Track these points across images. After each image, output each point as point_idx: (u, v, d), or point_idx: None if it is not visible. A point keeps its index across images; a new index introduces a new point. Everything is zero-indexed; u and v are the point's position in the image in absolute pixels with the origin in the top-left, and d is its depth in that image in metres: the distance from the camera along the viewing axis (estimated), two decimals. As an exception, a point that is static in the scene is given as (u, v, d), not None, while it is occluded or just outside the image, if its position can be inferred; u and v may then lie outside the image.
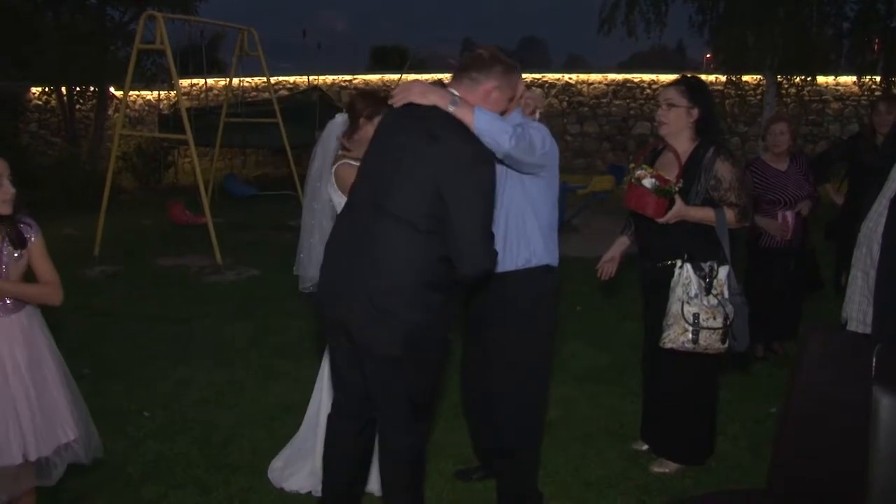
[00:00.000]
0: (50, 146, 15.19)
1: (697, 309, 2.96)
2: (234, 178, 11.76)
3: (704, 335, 2.96)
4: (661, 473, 3.28)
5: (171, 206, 8.77)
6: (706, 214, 3.03)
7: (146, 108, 16.21)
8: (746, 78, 13.80)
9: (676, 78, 3.21)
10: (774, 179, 4.42)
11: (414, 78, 15.52)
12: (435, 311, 2.35)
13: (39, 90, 15.31)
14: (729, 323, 2.99)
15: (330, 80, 16.28)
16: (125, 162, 12.98)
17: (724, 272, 3.02)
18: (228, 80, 10.42)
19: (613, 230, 3.62)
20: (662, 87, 3.27)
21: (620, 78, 16.10)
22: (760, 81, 13.85)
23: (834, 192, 5.17)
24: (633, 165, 3.08)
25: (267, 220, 9.51)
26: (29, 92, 15.65)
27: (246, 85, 14.86)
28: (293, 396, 3.96)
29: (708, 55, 16.59)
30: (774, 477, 2.02)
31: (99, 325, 5.37)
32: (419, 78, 15.80)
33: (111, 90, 14.57)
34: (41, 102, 15.59)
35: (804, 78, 12.96)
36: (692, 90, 3.11)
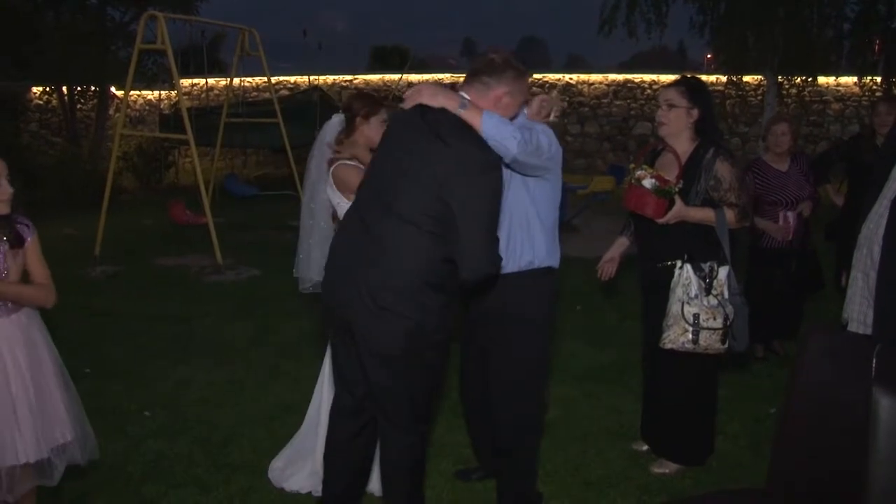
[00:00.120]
0: (51, 146, 15.19)
1: (697, 309, 2.96)
2: (234, 178, 11.76)
3: (704, 335, 2.96)
4: (661, 474, 3.28)
5: (171, 206, 8.78)
6: (706, 215, 3.03)
7: (147, 107, 16.22)
8: (747, 78, 13.81)
9: (676, 78, 3.21)
10: (775, 180, 4.42)
11: (414, 78, 15.56)
12: (436, 311, 2.35)
13: (40, 90, 15.32)
14: (729, 323, 2.99)
15: (330, 80, 16.27)
16: (126, 162, 12.98)
17: (724, 272, 3.02)
18: (229, 80, 10.42)
19: (614, 230, 3.62)
20: (663, 87, 3.27)
21: (621, 78, 16.09)
22: (761, 82, 13.84)
23: (834, 192, 5.18)
24: (632, 166, 3.08)
25: (267, 220, 9.51)
26: (30, 92, 15.65)
27: (247, 85, 14.86)
28: (293, 396, 3.96)
29: (709, 56, 16.59)
30: (774, 477, 2.02)
31: (99, 325, 5.37)
32: (420, 79, 15.86)
33: (112, 90, 14.58)
34: (42, 102, 15.60)
35: (805, 78, 12.96)
36: (692, 91, 3.11)
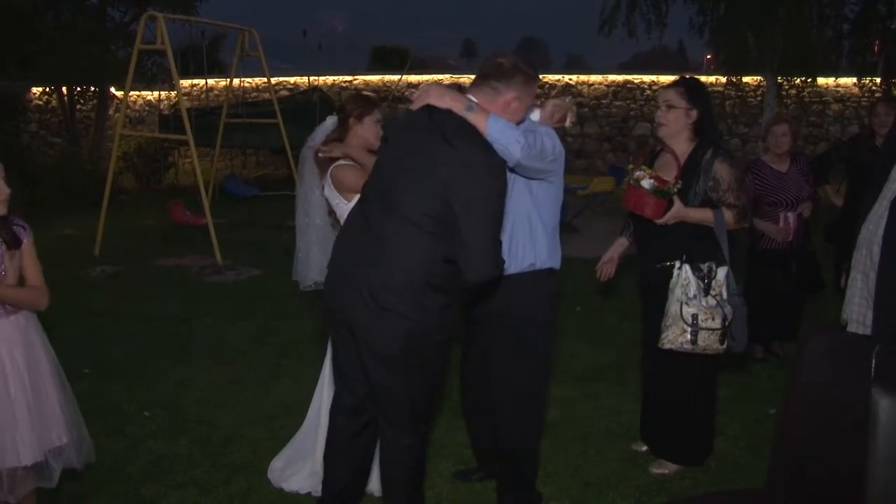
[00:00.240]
0: (50, 146, 15.18)
1: (696, 310, 2.96)
2: (234, 178, 11.74)
3: (703, 336, 2.96)
4: (660, 474, 3.28)
5: (171, 206, 8.77)
6: (705, 215, 3.03)
7: (147, 108, 16.21)
8: (747, 79, 13.81)
9: (675, 79, 3.21)
10: (775, 181, 4.42)
11: (413, 79, 15.57)
12: (436, 312, 2.35)
13: (40, 90, 15.31)
14: (728, 324, 2.99)
15: (330, 80, 16.26)
16: (126, 162, 12.98)
17: (722, 273, 3.02)
18: (229, 80, 10.43)
19: (613, 231, 3.62)
20: (662, 88, 3.27)
21: (621, 79, 16.09)
22: (761, 82, 13.85)
23: (833, 193, 5.18)
24: (631, 166, 3.09)
25: (267, 220, 9.50)
26: (29, 92, 15.64)
27: (246, 85, 14.85)
28: (293, 396, 3.97)
29: (708, 56, 16.60)
30: (774, 477, 2.02)
31: (99, 325, 5.35)
32: (419, 79, 15.86)
33: (112, 90, 14.57)
34: (42, 103, 15.58)
35: (804, 79, 12.97)
36: (691, 91, 3.11)
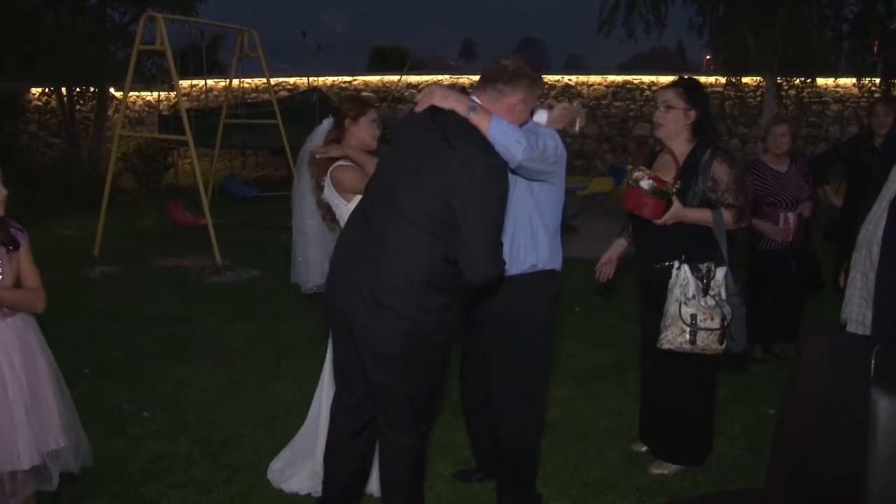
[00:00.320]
0: (50, 147, 15.17)
1: (695, 310, 2.97)
2: (233, 179, 11.74)
3: (702, 336, 2.97)
4: (659, 475, 3.28)
5: (170, 206, 8.77)
6: (703, 216, 3.03)
7: (146, 108, 16.19)
8: (746, 79, 13.80)
9: (673, 80, 3.21)
10: (774, 181, 4.42)
11: (413, 80, 15.56)
12: (435, 312, 2.35)
13: (39, 91, 15.30)
14: (726, 324, 3.00)
15: (330, 80, 16.24)
16: (125, 163, 12.96)
17: (721, 273, 3.02)
18: (228, 80, 10.43)
19: (613, 231, 3.62)
20: (660, 88, 3.27)
21: (620, 79, 16.08)
22: (760, 83, 13.85)
23: (833, 194, 5.19)
24: (630, 167, 3.09)
25: (267, 221, 9.50)
26: (29, 93, 15.63)
27: (246, 86, 14.85)
28: (293, 396, 3.97)
29: (708, 56, 16.60)
30: (774, 477, 2.02)
31: (99, 325, 5.35)
32: (419, 80, 15.86)
33: (111, 91, 14.56)
34: (41, 103, 15.57)
35: (804, 79, 12.97)
36: (689, 92, 3.11)
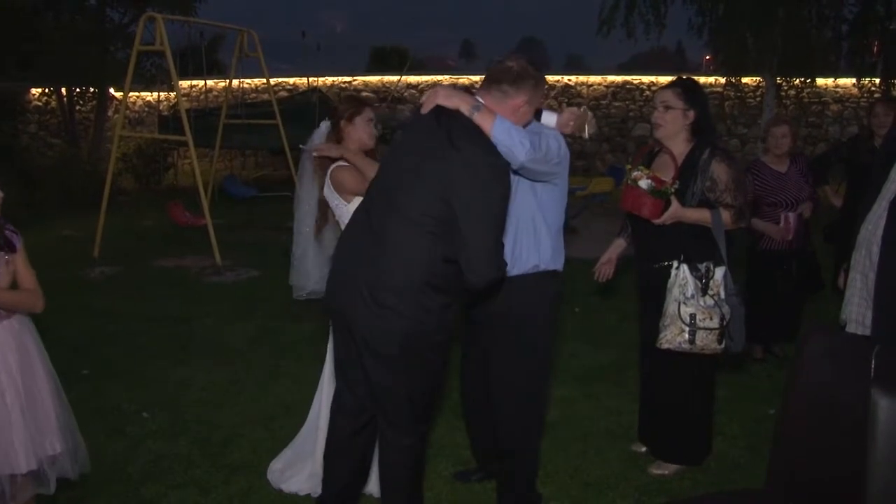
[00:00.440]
0: (50, 147, 15.17)
1: (694, 309, 2.97)
2: (233, 179, 11.74)
3: (701, 335, 2.97)
4: (659, 475, 3.28)
5: (170, 207, 8.77)
6: (702, 215, 3.03)
7: (146, 109, 16.18)
8: (746, 80, 13.80)
9: (672, 80, 3.21)
10: (774, 181, 4.42)
11: (413, 80, 15.56)
12: (435, 312, 2.35)
13: (39, 91, 15.29)
14: (725, 323, 3.00)
15: (329, 81, 16.25)
16: (125, 163, 12.96)
17: (720, 273, 3.02)
18: (228, 81, 10.43)
19: (612, 232, 3.62)
20: (659, 89, 3.27)
21: (620, 80, 16.08)
22: (760, 83, 13.85)
23: (832, 194, 5.19)
24: (629, 167, 3.10)
25: (266, 221, 9.50)
26: (28, 93, 15.62)
27: (245, 86, 14.85)
28: (293, 396, 3.97)
29: (707, 57, 16.60)
30: (773, 478, 2.02)
31: (99, 325, 5.36)
32: (419, 80, 15.86)
33: (111, 91, 14.56)
34: (41, 104, 15.56)
35: (803, 80, 12.97)
36: (688, 92, 3.11)
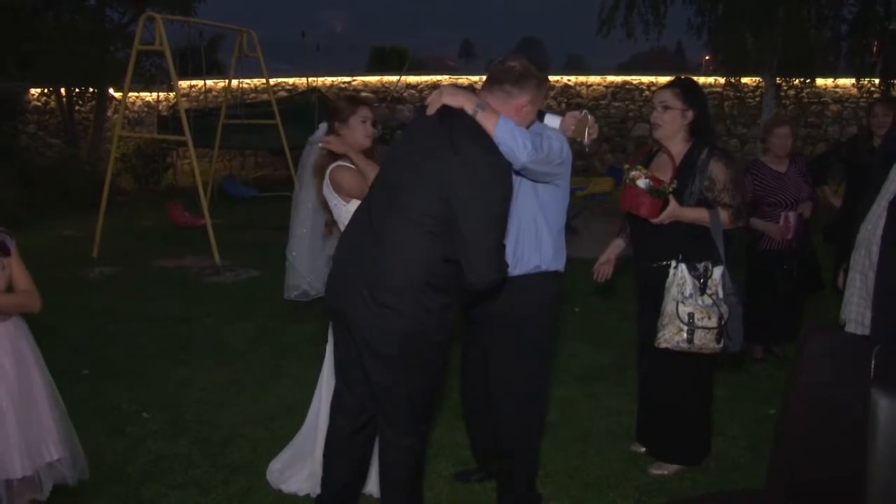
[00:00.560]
0: (49, 147, 15.17)
1: (692, 308, 2.97)
2: (233, 179, 11.73)
3: (699, 335, 2.97)
4: (659, 475, 3.28)
5: (170, 207, 8.77)
6: (700, 215, 3.04)
7: (145, 109, 16.18)
8: (745, 80, 13.81)
9: (670, 80, 3.22)
10: (774, 181, 4.42)
11: (412, 80, 15.56)
12: (436, 312, 2.35)
13: (38, 91, 15.29)
14: (724, 323, 3.00)
15: (329, 81, 16.25)
16: (124, 163, 12.95)
17: (718, 272, 3.03)
18: (227, 81, 10.43)
19: (612, 232, 3.63)
20: (657, 89, 3.27)
21: (619, 80, 16.09)
22: (759, 83, 13.86)
23: (832, 194, 5.20)
24: (627, 166, 3.10)
25: (266, 221, 9.50)
26: (28, 93, 15.61)
27: (245, 86, 14.86)
28: (293, 396, 3.97)
29: (707, 57, 16.60)
30: (773, 478, 2.03)
31: (99, 325, 5.36)
32: (419, 80, 15.86)
33: (110, 91, 14.56)
34: (40, 104, 15.55)
35: (803, 80, 12.98)
36: (687, 92, 3.11)
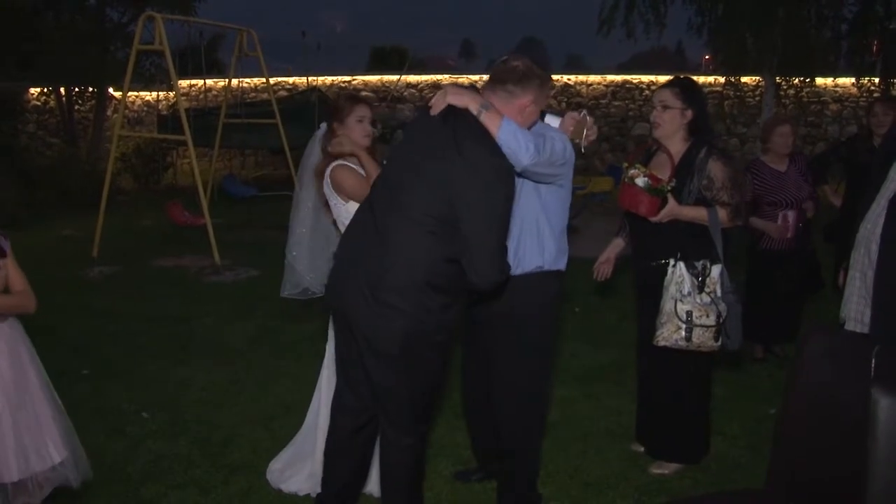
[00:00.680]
0: (48, 147, 15.16)
1: (690, 307, 2.98)
2: (233, 178, 11.73)
3: (697, 333, 2.98)
4: (659, 474, 3.28)
5: (169, 206, 8.76)
6: (698, 213, 3.04)
7: (145, 108, 16.17)
8: (745, 79, 13.79)
9: (670, 79, 3.22)
10: (774, 180, 4.41)
11: (413, 79, 15.55)
12: (437, 312, 2.34)
13: (38, 91, 15.30)
14: (722, 321, 3.00)
15: (329, 80, 16.25)
16: (124, 163, 12.95)
17: (716, 270, 3.03)
18: (227, 80, 10.43)
19: (612, 231, 3.63)
20: (657, 88, 3.28)
21: (619, 79, 16.08)
22: (759, 83, 13.85)
23: (832, 193, 5.19)
24: (626, 165, 3.10)
25: (266, 220, 9.50)
26: (27, 93, 15.61)
27: (245, 86, 14.85)
28: (293, 396, 3.97)
29: (707, 56, 16.59)
30: (773, 477, 2.03)
31: (99, 325, 5.36)
32: (419, 79, 15.86)
33: (110, 91, 14.55)
34: (40, 103, 15.55)
35: (803, 79, 12.98)
36: (686, 91, 3.12)
